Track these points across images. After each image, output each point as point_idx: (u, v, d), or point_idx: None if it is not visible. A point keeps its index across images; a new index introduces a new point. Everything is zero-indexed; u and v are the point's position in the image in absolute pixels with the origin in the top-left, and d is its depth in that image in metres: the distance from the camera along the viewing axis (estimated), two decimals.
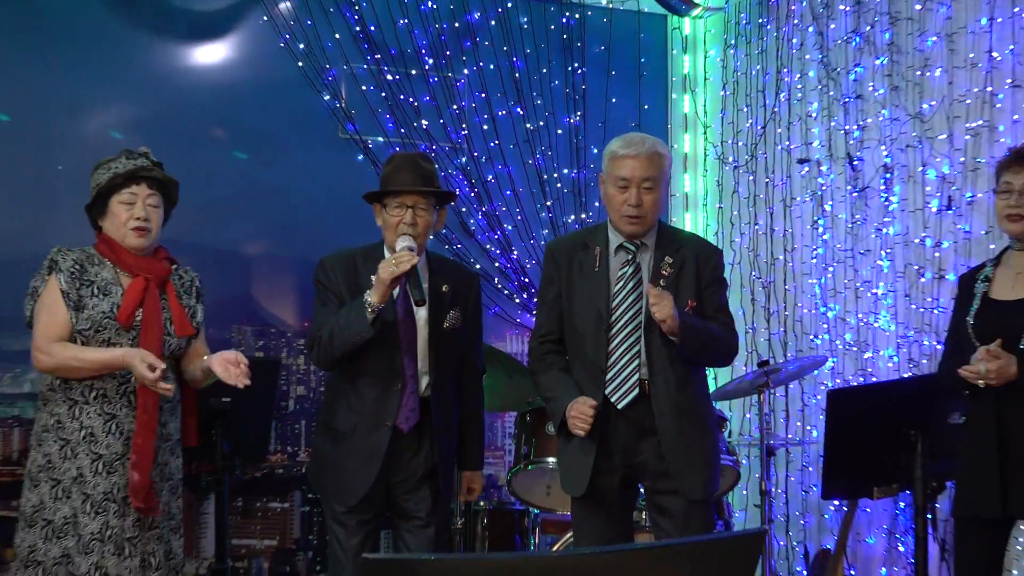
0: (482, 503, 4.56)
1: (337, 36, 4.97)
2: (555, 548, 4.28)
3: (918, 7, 4.37)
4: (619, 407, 3.22)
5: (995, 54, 4.09)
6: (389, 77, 5.03)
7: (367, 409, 3.38)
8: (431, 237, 3.56)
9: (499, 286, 5.30)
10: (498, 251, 5.29)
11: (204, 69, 4.97)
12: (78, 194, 3.34)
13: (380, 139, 5.02)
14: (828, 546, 4.57)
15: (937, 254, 4.34)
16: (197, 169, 4.47)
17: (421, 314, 3.42)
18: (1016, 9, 4.07)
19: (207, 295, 3.56)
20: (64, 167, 4.23)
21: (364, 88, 5.04)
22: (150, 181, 3.19)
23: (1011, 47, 4.07)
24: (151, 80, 4.79)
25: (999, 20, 4.07)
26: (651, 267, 3.33)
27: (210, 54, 4.97)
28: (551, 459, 4.00)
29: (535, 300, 4.37)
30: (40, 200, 4.42)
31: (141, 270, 3.23)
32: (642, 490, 3.47)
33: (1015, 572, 3.94)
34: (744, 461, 4.80)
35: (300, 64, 4.89)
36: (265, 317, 5.08)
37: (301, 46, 4.92)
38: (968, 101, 4.19)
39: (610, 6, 5.55)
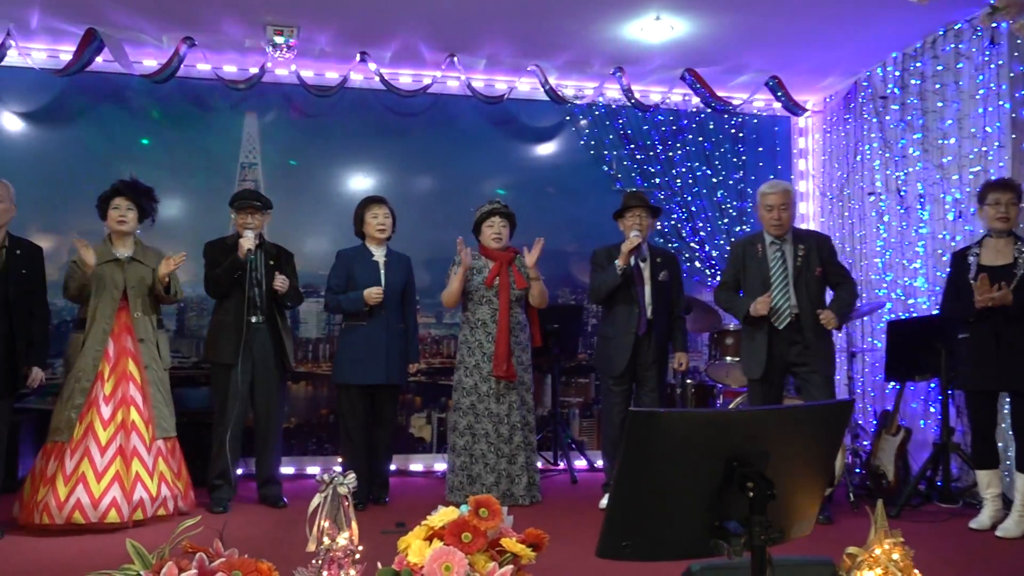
0: (689, 381, 5.75)
1: (610, 136, 6.48)
2: (730, 407, 5.18)
3: (940, 104, 5.31)
4: (779, 328, 4.27)
5: (987, 128, 4.97)
6: (638, 156, 6.49)
7: (621, 323, 4.53)
8: (647, 234, 4.65)
9: (697, 265, 6.52)
10: (696, 247, 6.56)
11: (541, 156, 6.53)
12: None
13: (633, 189, 6.09)
14: (888, 408, 5.38)
15: (952, 244, 5.17)
16: (540, 209, 6.09)
17: (645, 270, 4.62)
18: (1000, 103, 4.91)
19: (546, 271, 4.93)
20: (472, 208, 5.07)
21: (625, 163, 6.48)
22: (501, 215, 4.72)
23: (997, 124, 4.95)
24: (515, 162, 6.41)
25: (990, 110, 4.96)
26: (792, 252, 4.25)
27: (545, 148, 6.53)
28: (728, 358, 5.50)
29: (719, 273, 5.64)
30: (460, 226, 5.14)
31: (495, 258, 4.65)
32: (790, 376, 4.36)
33: (1001, 425, 4.57)
34: (839, 360, 5.17)
35: (591, 152, 6.47)
36: (575, 282, 6.43)
37: (592, 142, 6.47)
38: (971, 157, 5.09)
39: (758, 114, 6.74)
